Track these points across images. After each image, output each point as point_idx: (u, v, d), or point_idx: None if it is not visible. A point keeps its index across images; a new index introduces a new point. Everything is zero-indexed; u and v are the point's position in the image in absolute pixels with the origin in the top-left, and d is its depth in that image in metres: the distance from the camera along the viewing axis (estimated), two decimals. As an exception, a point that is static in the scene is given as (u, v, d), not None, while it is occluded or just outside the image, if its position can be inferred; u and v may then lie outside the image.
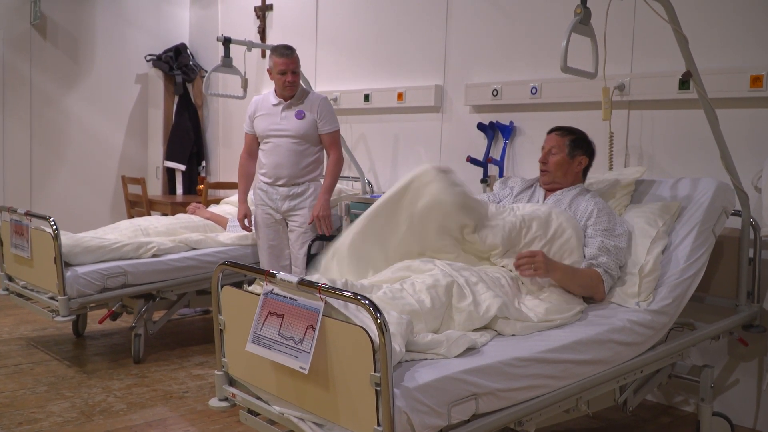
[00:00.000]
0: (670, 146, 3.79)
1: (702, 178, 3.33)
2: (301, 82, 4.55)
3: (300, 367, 2.04)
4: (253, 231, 4.59)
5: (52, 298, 3.95)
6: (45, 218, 3.91)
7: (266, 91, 4.54)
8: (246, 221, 4.52)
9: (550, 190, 3.27)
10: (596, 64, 2.90)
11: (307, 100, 4.39)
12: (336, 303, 2.04)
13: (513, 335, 2.51)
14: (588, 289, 2.84)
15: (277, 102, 4.39)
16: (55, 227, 3.83)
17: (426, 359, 2.18)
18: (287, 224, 4.44)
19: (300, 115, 4.35)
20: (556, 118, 4.24)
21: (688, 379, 3.23)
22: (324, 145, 4.46)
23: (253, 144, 4.54)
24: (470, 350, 2.31)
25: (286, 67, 4.29)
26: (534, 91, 4.29)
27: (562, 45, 2.70)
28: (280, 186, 4.38)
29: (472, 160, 4.52)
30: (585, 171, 3.31)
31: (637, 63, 3.89)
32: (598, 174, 3.60)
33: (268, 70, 4.38)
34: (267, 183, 4.42)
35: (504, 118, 4.54)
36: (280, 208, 4.40)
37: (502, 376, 2.19)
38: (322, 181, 4.46)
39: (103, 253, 4.14)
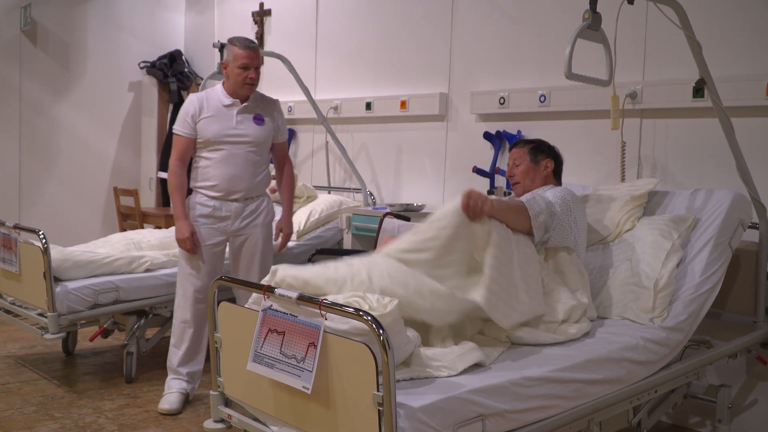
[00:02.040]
0: (684, 156, 3.80)
1: (717, 189, 3.34)
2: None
3: (303, 387, 2.04)
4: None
5: (41, 314, 3.95)
6: (34, 231, 3.92)
7: (206, 90, 4.02)
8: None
9: (519, 197, 3.32)
10: (610, 71, 2.92)
11: (263, 102, 4.02)
12: (333, 324, 2.05)
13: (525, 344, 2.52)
14: (517, 216, 2.81)
15: (230, 103, 3.90)
16: (44, 241, 3.84)
17: (430, 376, 2.18)
18: (231, 245, 3.98)
19: (259, 120, 3.95)
20: (566, 127, 4.26)
21: (705, 399, 3.22)
22: (276, 156, 4.15)
23: (189, 150, 3.91)
24: (477, 367, 2.31)
25: (250, 62, 3.84)
26: (543, 98, 4.30)
27: (566, 51, 2.71)
28: (233, 201, 3.90)
29: (478, 171, 4.53)
30: (556, 174, 3.37)
31: (649, 70, 3.90)
32: (609, 185, 3.61)
33: (223, 63, 3.94)
34: (215, 197, 3.87)
35: (511, 127, 4.55)
36: (229, 227, 3.91)
37: (510, 397, 2.19)
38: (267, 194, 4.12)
39: (94, 268, 4.14)
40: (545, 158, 3.32)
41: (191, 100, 3.91)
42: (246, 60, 3.83)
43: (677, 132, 3.83)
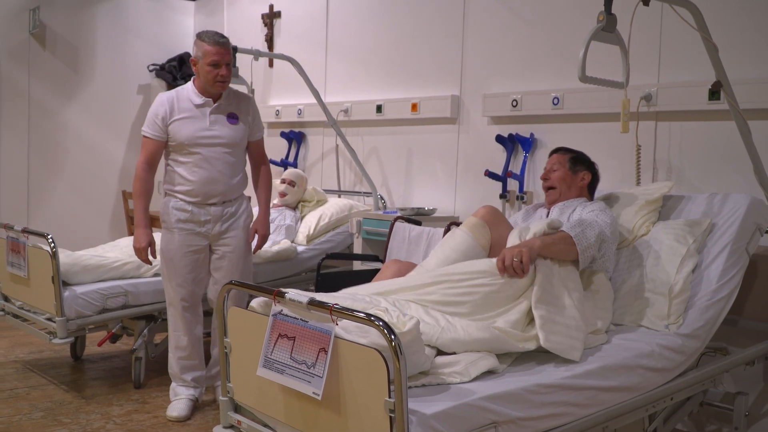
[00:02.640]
0: (700, 160, 3.78)
1: (734, 193, 3.33)
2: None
3: (313, 393, 2.04)
4: (157, 261, 4.03)
5: (49, 319, 3.97)
6: (43, 235, 3.93)
7: (176, 88, 3.88)
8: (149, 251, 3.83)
9: (552, 203, 3.36)
10: (627, 73, 2.91)
11: (235, 100, 3.88)
12: (342, 331, 2.05)
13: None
14: (565, 250, 2.81)
15: (202, 102, 3.76)
16: (53, 245, 3.85)
17: (443, 383, 2.18)
18: (211, 250, 3.88)
19: (233, 119, 3.82)
20: (580, 130, 4.25)
21: (721, 407, 3.21)
22: (252, 154, 4.02)
23: (158, 153, 3.79)
24: (490, 374, 2.31)
25: (221, 58, 3.68)
26: (556, 101, 4.30)
27: (580, 54, 2.71)
28: (210, 205, 3.79)
29: (490, 175, 4.53)
30: (591, 188, 3.42)
31: (664, 72, 3.89)
32: (624, 189, 3.60)
33: (192, 61, 3.78)
34: (191, 202, 3.77)
35: (524, 130, 4.54)
36: (209, 232, 3.80)
37: (523, 404, 2.19)
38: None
39: (102, 272, 4.16)
40: (584, 170, 3.37)
41: (161, 101, 3.77)
42: (216, 57, 3.68)
43: (693, 135, 3.81)
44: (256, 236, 4.05)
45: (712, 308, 2.95)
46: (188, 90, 3.80)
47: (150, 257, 3.85)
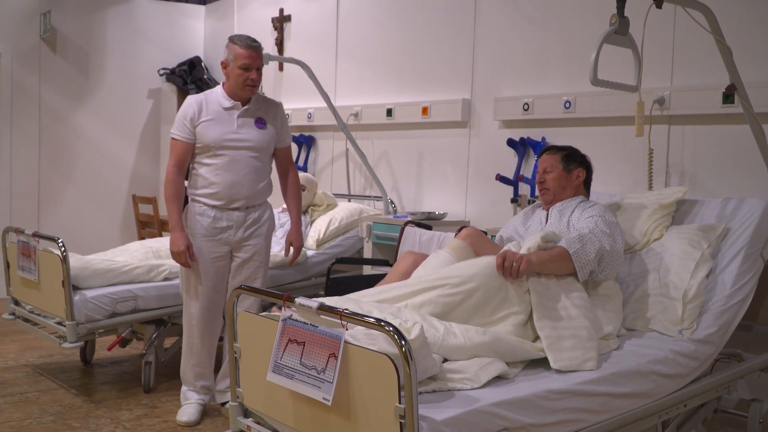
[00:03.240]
0: (714, 164, 3.76)
1: (749, 198, 3.31)
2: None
3: (323, 398, 2.04)
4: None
5: (59, 323, 3.98)
6: (53, 239, 3.95)
7: (206, 91, 3.89)
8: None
9: (549, 203, 3.33)
10: (639, 77, 2.90)
11: (264, 105, 3.87)
12: (352, 337, 2.04)
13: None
14: (561, 265, 2.79)
15: (231, 105, 3.75)
16: (63, 249, 3.87)
17: (453, 389, 2.17)
18: (231, 257, 3.85)
19: (261, 124, 3.80)
20: (592, 134, 4.23)
21: (736, 414, 3.18)
22: (279, 161, 4.01)
23: (188, 156, 3.77)
24: (500, 380, 2.30)
25: (252, 62, 3.68)
26: (568, 105, 4.28)
27: (592, 56, 2.70)
28: (234, 210, 3.77)
29: (501, 179, 4.52)
30: (587, 184, 3.38)
31: (677, 75, 3.87)
32: (637, 193, 3.58)
33: (222, 63, 3.77)
34: (215, 206, 3.75)
35: (536, 134, 4.53)
36: (231, 238, 3.78)
37: (535, 410, 2.17)
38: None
39: (112, 276, 4.17)
40: (577, 167, 3.33)
41: (189, 103, 3.76)
42: (247, 60, 3.68)
43: (707, 139, 3.79)
44: (291, 249, 4.05)
45: (726, 313, 2.93)
46: (217, 93, 3.80)
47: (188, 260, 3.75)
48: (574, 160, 3.33)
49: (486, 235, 3.20)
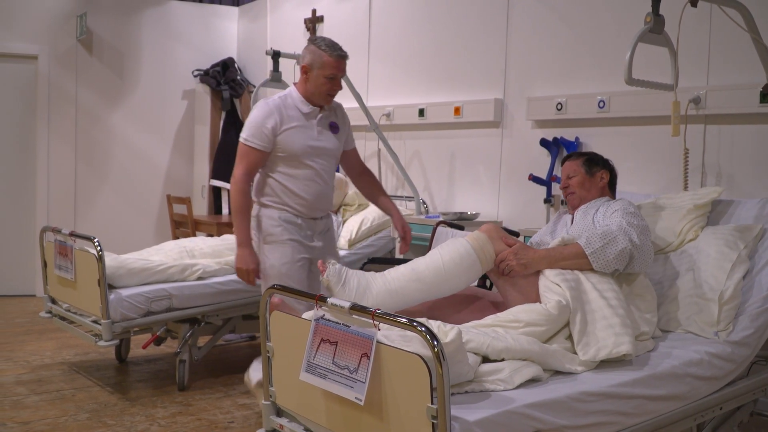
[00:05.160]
0: (751, 164, 3.71)
1: (787, 198, 3.26)
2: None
3: (356, 398, 2.04)
4: (264, 283, 3.69)
5: (95, 321, 4.03)
6: (89, 239, 4.00)
7: (279, 94, 3.66)
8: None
9: (575, 208, 3.32)
10: (676, 76, 2.87)
11: (332, 108, 3.71)
12: (386, 338, 2.05)
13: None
14: (577, 262, 2.80)
15: (309, 111, 3.57)
16: (99, 248, 3.92)
17: (486, 390, 2.17)
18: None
19: (335, 129, 3.67)
20: (626, 134, 4.20)
21: (773, 417, 3.14)
22: (352, 164, 3.89)
23: (259, 165, 3.55)
24: (533, 382, 2.29)
25: (339, 72, 3.54)
26: (602, 104, 4.25)
27: (626, 56, 2.68)
28: (314, 219, 3.64)
29: (534, 179, 4.49)
30: (611, 186, 3.38)
31: (713, 74, 3.83)
32: (671, 194, 3.55)
33: (304, 67, 3.55)
34: (302, 216, 3.59)
35: (569, 134, 4.50)
36: (311, 245, 3.62)
37: (569, 412, 2.16)
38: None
39: (147, 276, 4.21)
40: (600, 170, 3.34)
41: (269, 110, 3.50)
42: (335, 70, 3.50)
43: (743, 139, 3.74)
44: (398, 239, 3.91)
45: (763, 315, 2.89)
46: (293, 98, 3.59)
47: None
48: (596, 164, 3.35)
49: (503, 231, 3.14)
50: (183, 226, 6.60)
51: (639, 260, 2.86)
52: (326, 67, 3.49)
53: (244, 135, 3.53)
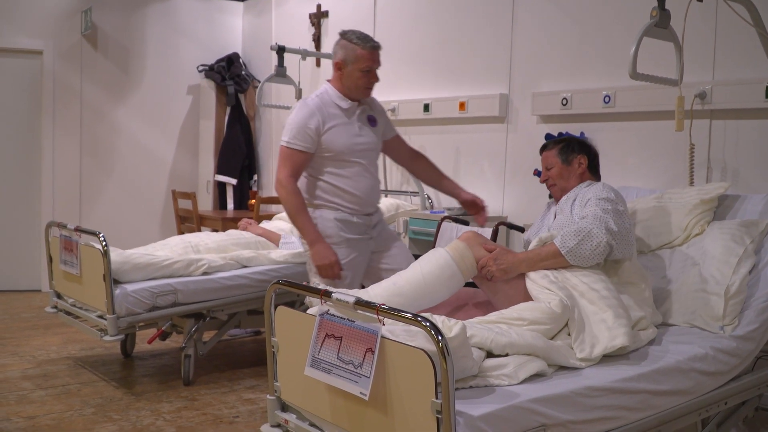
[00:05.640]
0: (757, 159, 3.70)
1: (793, 193, 3.25)
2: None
3: (360, 393, 2.05)
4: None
5: (100, 316, 4.04)
6: (94, 234, 4.01)
7: (315, 92, 3.60)
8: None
9: (558, 199, 3.28)
10: (681, 70, 2.86)
11: (366, 101, 3.65)
12: (391, 333, 2.05)
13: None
14: (554, 264, 2.78)
15: (348, 106, 3.51)
16: (104, 243, 3.93)
17: (491, 385, 2.17)
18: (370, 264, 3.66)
19: (374, 122, 3.61)
20: (632, 129, 4.19)
21: (778, 412, 3.14)
22: (400, 150, 3.86)
23: (304, 166, 3.49)
24: (538, 377, 2.29)
25: (374, 64, 3.47)
26: (607, 99, 4.24)
27: (631, 50, 2.68)
28: (366, 215, 3.61)
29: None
30: (592, 169, 3.29)
31: (719, 69, 3.81)
32: (677, 189, 3.54)
33: (337, 63, 3.49)
34: (357, 213, 3.56)
35: (574, 129, 4.50)
36: (371, 242, 3.64)
37: (573, 407, 2.16)
38: None
39: (152, 271, 4.22)
40: (577, 155, 3.25)
41: (310, 111, 3.44)
42: (370, 62, 3.45)
43: (749, 134, 3.73)
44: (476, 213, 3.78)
45: (769, 310, 2.88)
46: (330, 95, 3.52)
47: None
48: (572, 150, 3.26)
49: (483, 237, 3.13)
50: (188, 221, 6.62)
51: (619, 247, 2.80)
52: (361, 60, 3.43)
53: (286, 138, 3.46)
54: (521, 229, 4.12)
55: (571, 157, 3.25)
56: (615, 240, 2.77)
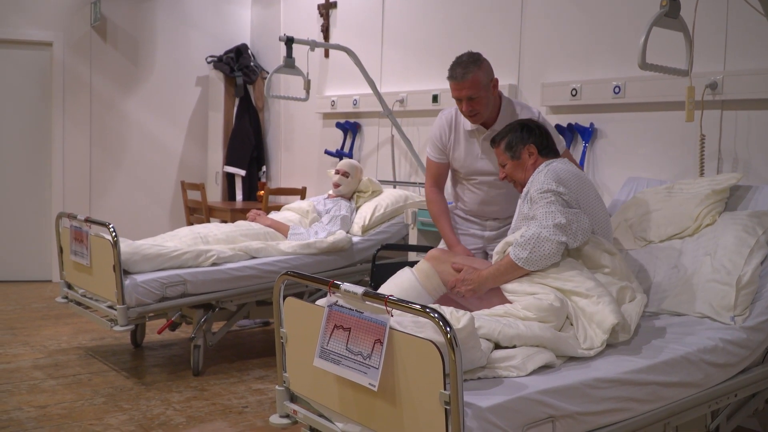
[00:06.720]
0: (768, 149, 3.68)
1: (804, 184, 3.23)
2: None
3: (369, 384, 2.05)
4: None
5: (110, 306, 4.06)
6: (104, 225, 4.02)
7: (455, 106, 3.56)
8: None
9: (520, 192, 3.20)
10: (691, 60, 2.84)
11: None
12: (399, 325, 2.05)
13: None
14: (518, 275, 2.77)
15: (472, 128, 3.48)
16: (114, 234, 3.94)
17: (499, 376, 2.17)
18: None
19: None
20: (642, 119, 4.16)
21: (789, 404, 3.12)
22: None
23: (442, 174, 3.64)
24: (546, 368, 2.29)
25: (458, 94, 3.33)
26: (617, 90, 4.22)
27: (640, 40, 2.66)
28: (492, 220, 3.73)
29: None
30: (544, 151, 3.16)
31: (730, 59, 3.79)
32: (688, 180, 3.52)
33: None
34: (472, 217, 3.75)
35: (584, 120, 4.48)
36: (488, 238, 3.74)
37: (582, 398, 2.16)
38: None
39: (162, 261, 4.23)
40: (523, 147, 3.13)
41: (440, 124, 3.56)
42: (454, 92, 3.36)
43: (761, 124, 3.70)
44: None
45: (780, 301, 2.87)
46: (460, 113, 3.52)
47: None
48: (517, 143, 3.14)
49: (450, 254, 3.12)
50: (197, 213, 6.63)
51: (574, 237, 2.76)
52: (451, 90, 3.39)
53: (427, 148, 3.68)
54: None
55: (518, 150, 3.14)
56: (567, 234, 2.74)
